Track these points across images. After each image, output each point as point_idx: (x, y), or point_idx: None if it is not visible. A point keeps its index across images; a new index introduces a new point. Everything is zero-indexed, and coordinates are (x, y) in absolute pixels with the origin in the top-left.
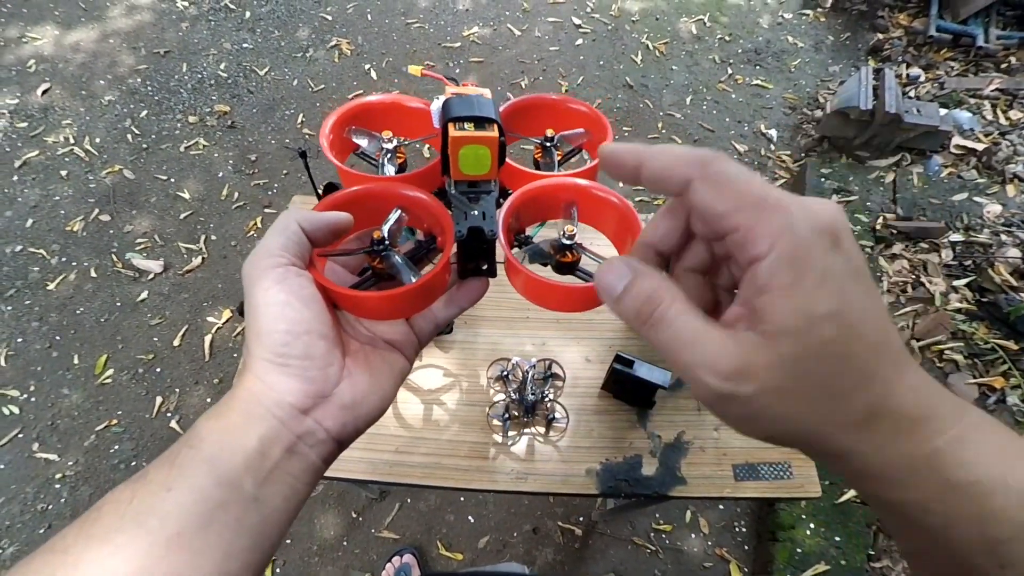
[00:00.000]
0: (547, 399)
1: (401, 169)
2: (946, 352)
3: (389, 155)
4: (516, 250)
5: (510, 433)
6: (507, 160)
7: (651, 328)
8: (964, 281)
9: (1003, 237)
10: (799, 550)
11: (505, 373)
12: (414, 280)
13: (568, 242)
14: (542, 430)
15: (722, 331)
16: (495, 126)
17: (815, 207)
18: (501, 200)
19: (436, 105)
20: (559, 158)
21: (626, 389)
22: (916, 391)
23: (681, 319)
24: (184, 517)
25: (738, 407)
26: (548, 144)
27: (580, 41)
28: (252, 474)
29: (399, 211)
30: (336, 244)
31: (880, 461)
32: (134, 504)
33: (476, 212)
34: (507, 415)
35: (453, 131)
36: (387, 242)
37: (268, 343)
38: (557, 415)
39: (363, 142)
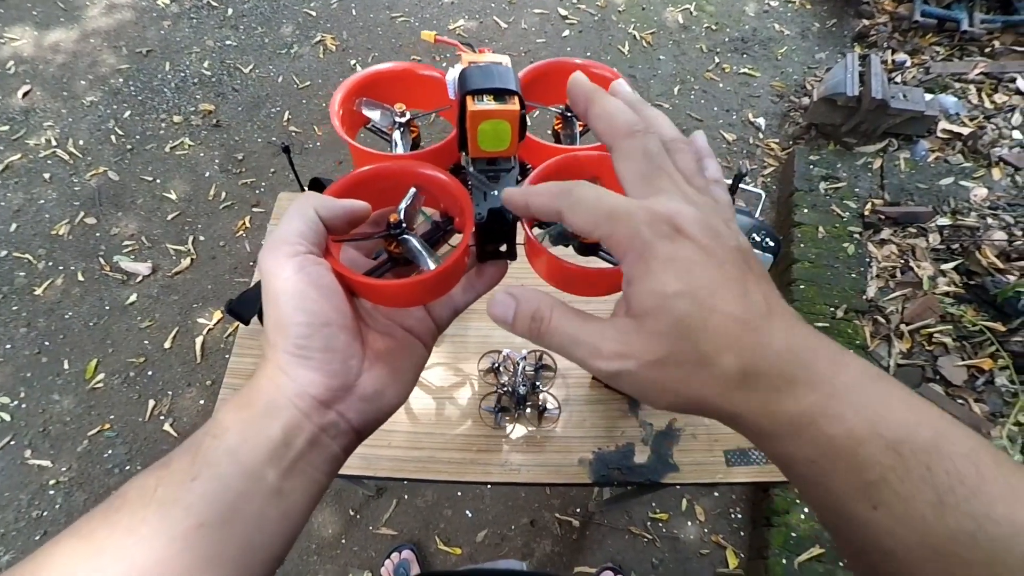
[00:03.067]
0: (539, 390)
1: (415, 143)
2: (935, 335)
3: (402, 129)
4: (537, 230)
5: (503, 425)
6: (526, 134)
7: (545, 338)
8: (952, 265)
9: (989, 220)
10: (794, 534)
11: (496, 365)
12: (433, 267)
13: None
14: (534, 421)
15: (600, 323)
16: (516, 98)
17: (656, 207)
18: (520, 177)
19: (452, 75)
20: (580, 129)
21: None
22: (790, 351)
23: (563, 323)
24: (208, 508)
25: (630, 382)
26: (569, 115)
27: (567, 32)
28: (275, 466)
29: (415, 190)
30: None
31: (765, 420)
32: (159, 493)
33: (496, 192)
34: (499, 407)
35: (472, 105)
36: (404, 225)
37: (288, 335)
38: (549, 406)
39: (374, 115)
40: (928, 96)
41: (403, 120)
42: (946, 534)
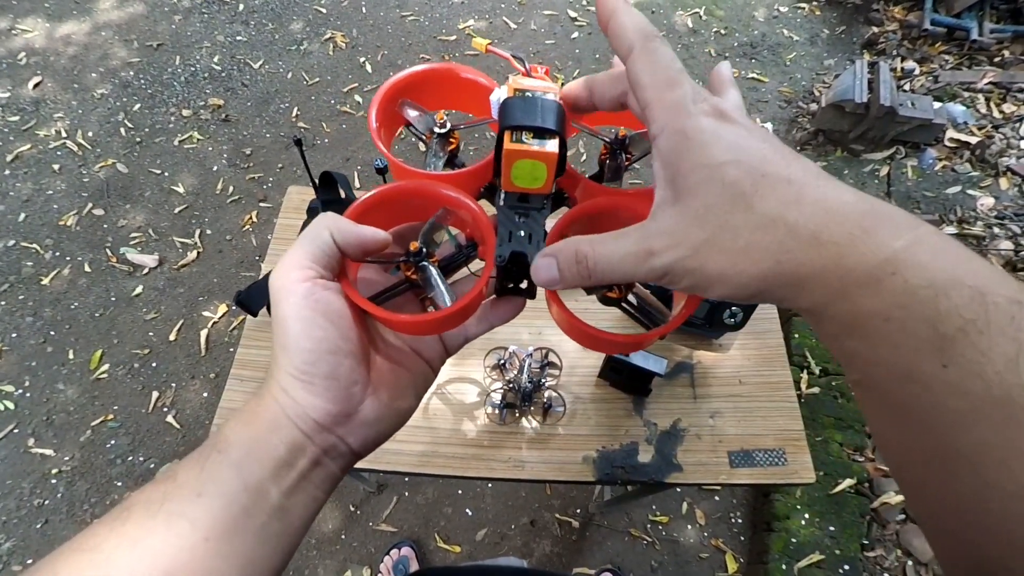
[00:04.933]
0: (544, 387)
1: (452, 155)
2: None
3: (439, 140)
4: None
5: (507, 421)
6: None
7: (597, 272)
8: None
9: (996, 230)
10: (794, 540)
11: (502, 362)
12: (450, 303)
13: None
14: (539, 418)
15: (640, 226)
16: (557, 140)
17: (700, 90)
18: (554, 206)
19: (497, 95)
20: (626, 163)
21: (622, 377)
22: (861, 202)
23: (607, 248)
24: (212, 523)
25: (685, 271)
26: (616, 147)
27: (576, 34)
28: (278, 483)
29: (441, 212)
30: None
31: (836, 276)
32: (165, 506)
33: (523, 233)
34: (504, 403)
35: (508, 142)
36: (424, 251)
37: (293, 359)
38: (554, 403)
39: (414, 118)
40: (936, 104)
41: (442, 131)
42: (1018, 384)
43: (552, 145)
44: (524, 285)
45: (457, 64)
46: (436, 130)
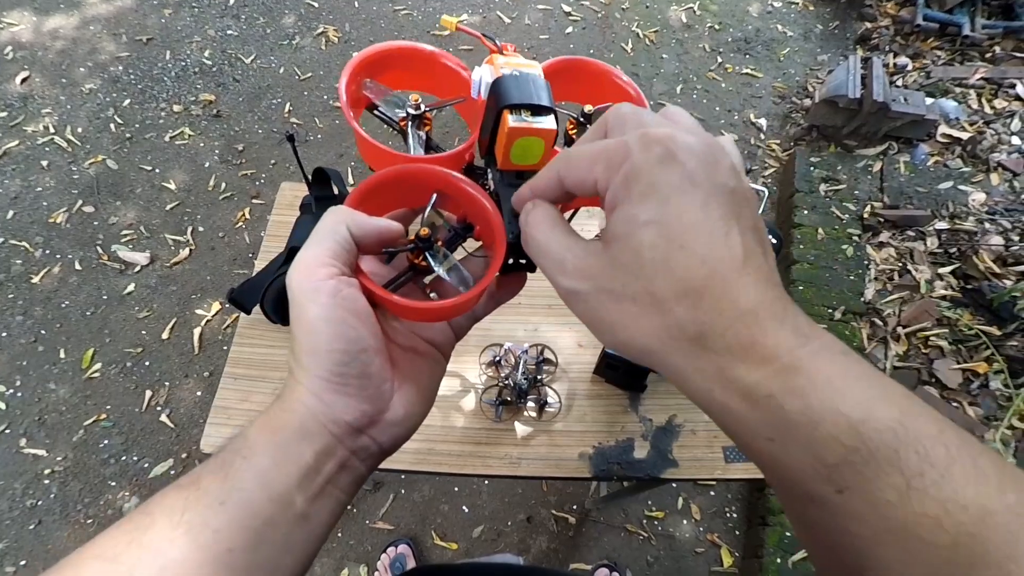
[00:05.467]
0: (540, 384)
1: (428, 138)
2: (931, 338)
3: (415, 122)
4: None
5: (503, 418)
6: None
7: (525, 234)
8: (949, 268)
9: (987, 225)
10: (788, 534)
11: (497, 359)
12: (462, 288)
13: None
14: (535, 415)
15: (574, 239)
16: (553, 116)
17: (652, 131)
18: None
19: (479, 74)
20: None
21: (618, 373)
22: (753, 313)
23: (542, 224)
24: (236, 533)
25: (582, 307)
26: (583, 120)
27: (570, 29)
28: (304, 491)
29: (436, 196)
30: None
31: (718, 387)
32: (187, 516)
33: None
34: (500, 400)
35: (511, 121)
36: (432, 238)
37: (326, 362)
38: (550, 400)
39: (382, 102)
40: (929, 100)
41: (417, 113)
42: (912, 518)
43: (550, 122)
44: (524, 261)
45: (432, 47)
46: (410, 111)
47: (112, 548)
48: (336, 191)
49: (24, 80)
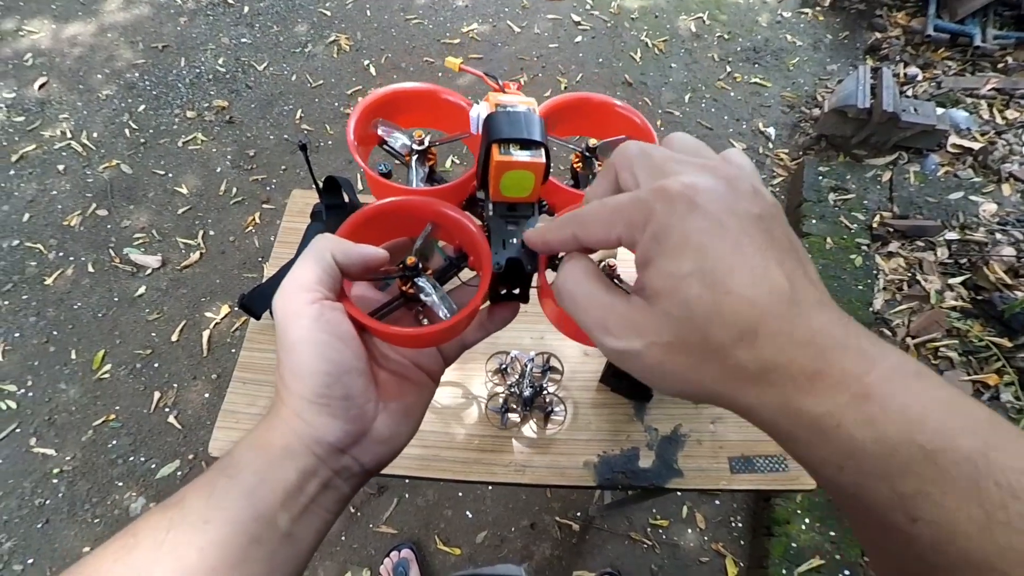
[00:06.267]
0: (545, 392)
1: (431, 172)
2: (941, 349)
3: (418, 157)
4: (551, 273)
5: (508, 426)
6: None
7: (559, 279)
8: (959, 279)
9: (998, 236)
10: (794, 545)
11: (504, 366)
12: (448, 316)
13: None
14: (540, 423)
15: (614, 295)
16: (543, 150)
17: (668, 185)
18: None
19: (477, 111)
20: (599, 169)
21: (624, 382)
22: (813, 343)
23: (578, 276)
24: (220, 553)
25: (637, 363)
26: (588, 155)
27: (579, 38)
28: (288, 509)
29: (430, 227)
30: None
31: (785, 420)
32: (171, 535)
33: (515, 240)
34: (505, 408)
35: (497, 155)
36: (420, 266)
37: (309, 384)
38: (555, 408)
39: (390, 138)
40: (939, 110)
41: (420, 148)
42: (996, 551)
43: (539, 155)
44: (516, 291)
45: (433, 84)
46: (415, 147)
47: (97, 569)
48: (347, 199)
49: (42, 86)
